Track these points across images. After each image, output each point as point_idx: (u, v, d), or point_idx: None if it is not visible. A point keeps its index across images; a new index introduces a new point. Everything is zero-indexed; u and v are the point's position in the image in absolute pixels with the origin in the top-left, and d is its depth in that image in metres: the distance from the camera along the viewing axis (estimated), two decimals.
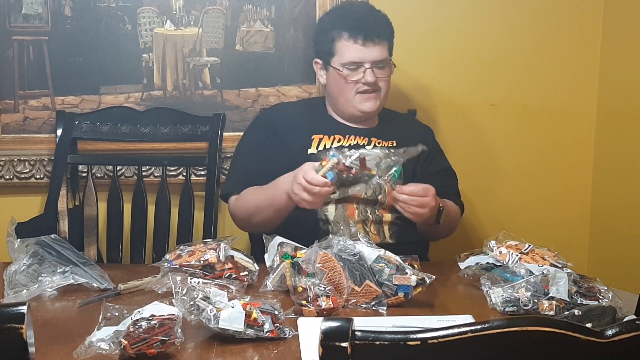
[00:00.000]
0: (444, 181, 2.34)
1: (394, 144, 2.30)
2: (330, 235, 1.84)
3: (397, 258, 1.78)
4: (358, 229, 1.93)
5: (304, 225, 2.11)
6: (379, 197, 2.22)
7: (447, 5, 2.71)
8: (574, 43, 2.75)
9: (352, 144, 2.28)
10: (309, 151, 2.26)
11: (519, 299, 1.69)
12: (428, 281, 1.74)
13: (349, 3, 2.49)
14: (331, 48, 2.25)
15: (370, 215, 2.21)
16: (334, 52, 2.25)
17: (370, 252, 1.78)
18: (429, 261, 2.29)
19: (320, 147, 2.27)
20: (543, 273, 1.73)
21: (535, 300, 1.68)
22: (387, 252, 1.80)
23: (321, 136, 2.29)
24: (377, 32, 2.23)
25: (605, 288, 1.73)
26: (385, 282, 1.74)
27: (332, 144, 2.27)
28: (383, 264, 1.76)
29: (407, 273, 1.74)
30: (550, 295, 1.68)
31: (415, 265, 1.84)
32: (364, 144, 2.28)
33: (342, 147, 2.22)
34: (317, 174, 1.92)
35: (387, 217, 2.23)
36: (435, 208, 2.08)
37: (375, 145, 2.28)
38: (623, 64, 2.67)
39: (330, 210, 2.19)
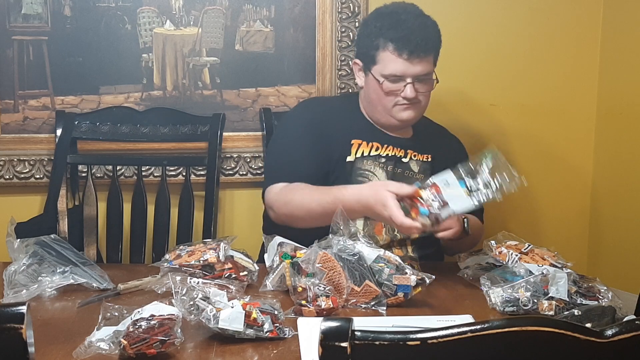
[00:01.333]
0: None
1: (429, 159, 2.27)
2: (330, 235, 1.84)
3: (397, 258, 1.78)
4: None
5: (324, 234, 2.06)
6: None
7: (446, 5, 2.70)
8: (574, 43, 2.75)
9: (389, 154, 2.22)
10: (348, 158, 2.20)
11: (519, 299, 1.69)
12: (428, 281, 1.74)
13: (397, 7, 2.23)
14: (374, 56, 2.16)
15: (397, 234, 2.17)
16: (377, 60, 2.16)
17: (369, 252, 1.78)
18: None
19: (359, 155, 2.20)
20: (543, 273, 1.73)
21: (535, 301, 1.68)
22: (387, 252, 1.80)
23: (360, 142, 2.22)
24: (425, 48, 2.14)
25: (605, 288, 1.73)
26: (385, 282, 1.74)
27: (370, 151, 2.21)
28: (383, 264, 1.76)
29: (406, 273, 1.74)
30: (549, 295, 1.68)
31: (415, 265, 1.84)
32: (400, 156, 2.23)
33: (422, 186, 1.94)
34: (406, 220, 1.84)
35: (414, 235, 2.17)
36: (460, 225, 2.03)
37: (411, 158, 2.25)
38: (623, 64, 2.67)
39: (358, 224, 2.14)
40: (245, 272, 1.86)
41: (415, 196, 1.82)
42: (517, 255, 1.85)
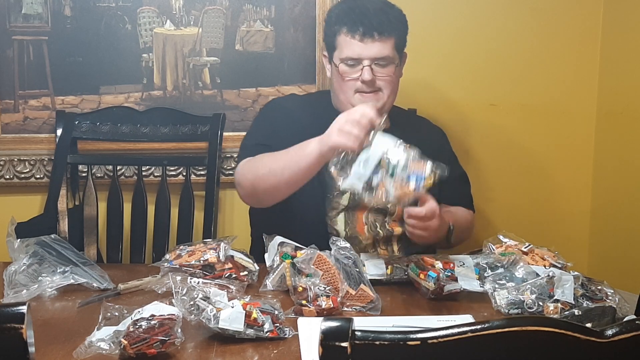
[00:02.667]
0: (459, 188, 2.32)
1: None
2: (332, 238, 1.84)
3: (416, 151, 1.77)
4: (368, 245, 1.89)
5: (314, 235, 2.03)
6: (389, 207, 2.17)
7: (447, 5, 2.71)
8: (574, 43, 2.75)
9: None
10: None
11: (524, 301, 1.66)
12: (439, 173, 1.72)
13: None
14: (333, 42, 2.17)
15: (380, 231, 2.16)
16: (336, 46, 2.16)
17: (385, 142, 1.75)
18: None
19: None
20: (549, 275, 1.71)
21: (540, 303, 1.65)
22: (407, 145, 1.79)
23: None
24: (380, 28, 2.11)
25: (612, 291, 1.70)
26: (398, 174, 1.71)
27: None
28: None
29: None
30: (555, 298, 1.66)
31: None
32: None
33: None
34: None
35: (398, 230, 2.17)
36: (441, 229, 2.01)
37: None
38: (623, 64, 2.67)
39: (340, 224, 2.15)
40: (246, 272, 1.86)
41: (429, 262, 1.82)
42: (517, 255, 1.84)
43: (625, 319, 1.23)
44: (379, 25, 2.11)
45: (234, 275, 1.83)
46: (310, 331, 1.54)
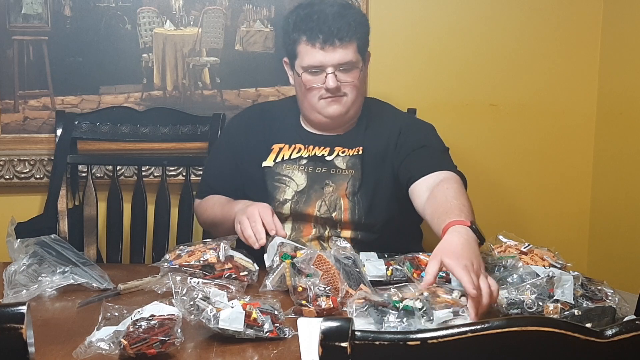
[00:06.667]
0: (432, 157, 2.13)
1: (360, 151, 2.16)
2: (333, 238, 1.84)
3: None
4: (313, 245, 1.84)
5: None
6: (334, 215, 2.11)
7: (447, 5, 2.71)
8: (574, 43, 2.75)
9: (310, 155, 2.16)
10: (264, 164, 2.17)
11: (524, 301, 1.66)
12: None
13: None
14: (294, 50, 2.12)
15: (326, 234, 2.12)
16: (297, 54, 2.12)
17: None
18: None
19: (279, 159, 2.16)
20: (549, 275, 1.70)
21: (540, 303, 1.65)
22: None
23: (282, 145, 2.18)
24: (340, 34, 2.05)
25: (612, 291, 1.69)
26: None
27: (290, 154, 2.16)
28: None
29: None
30: (555, 298, 1.66)
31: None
32: (323, 154, 2.16)
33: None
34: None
35: (347, 233, 2.12)
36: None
37: (338, 155, 2.16)
38: (623, 64, 2.67)
39: (286, 229, 2.10)
40: (245, 272, 1.86)
41: (425, 263, 1.81)
42: (517, 255, 1.83)
43: (625, 319, 1.23)
44: (338, 31, 2.06)
45: (233, 276, 1.83)
46: (310, 331, 1.54)
